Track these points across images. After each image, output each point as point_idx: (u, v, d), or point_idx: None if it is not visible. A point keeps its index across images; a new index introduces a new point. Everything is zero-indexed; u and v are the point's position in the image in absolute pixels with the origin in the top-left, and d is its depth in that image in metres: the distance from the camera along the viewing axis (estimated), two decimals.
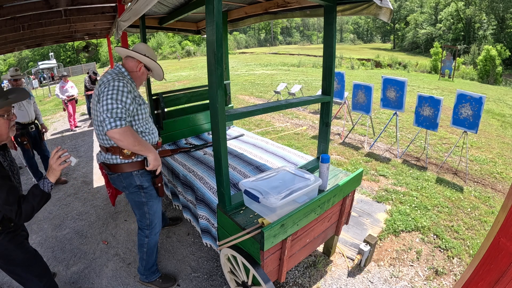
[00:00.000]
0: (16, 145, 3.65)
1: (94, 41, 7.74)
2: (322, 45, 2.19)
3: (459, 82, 16.42)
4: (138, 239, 2.07)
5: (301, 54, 32.13)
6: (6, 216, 1.50)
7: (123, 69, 1.79)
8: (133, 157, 1.77)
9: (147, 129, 1.85)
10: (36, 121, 3.78)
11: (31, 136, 3.66)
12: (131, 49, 1.86)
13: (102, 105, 1.58)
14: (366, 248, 2.23)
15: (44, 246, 2.72)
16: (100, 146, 1.84)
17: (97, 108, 1.66)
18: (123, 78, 1.68)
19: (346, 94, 5.93)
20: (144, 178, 1.85)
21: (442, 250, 2.53)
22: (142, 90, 10.98)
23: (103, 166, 1.88)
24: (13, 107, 1.56)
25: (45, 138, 3.88)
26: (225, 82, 3.49)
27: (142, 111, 1.79)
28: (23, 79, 3.66)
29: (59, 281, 2.26)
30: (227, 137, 3.20)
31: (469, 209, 3.18)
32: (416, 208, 3.15)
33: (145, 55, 1.83)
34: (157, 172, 1.85)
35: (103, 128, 1.57)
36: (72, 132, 7.02)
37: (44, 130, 3.97)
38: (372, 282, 2.19)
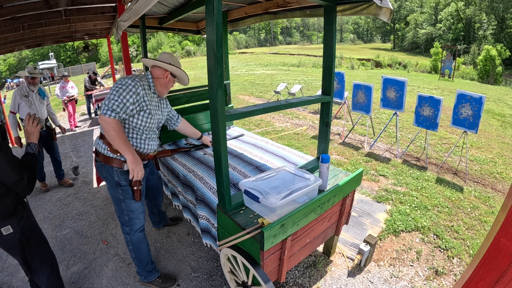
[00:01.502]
0: (21, 143, 3.64)
1: (94, 41, 7.75)
2: (322, 45, 2.19)
3: (459, 82, 16.42)
4: (124, 237, 2.11)
5: (301, 54, 32.13)
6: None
7: (149, 76, 1.92)
8: (118, 154, 1.83)
9: (141, 138, 1.91)
10: (48, 122, 3.70)
11: (42, 136, 3.57)
12: (156, 58, 1.97)
13: (108, 94, 1.73)
14: (366, 248, 2.23)
15: None
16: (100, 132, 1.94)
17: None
18: (140, 80, 1.80)
19: (346, 94, 5.93)
20: (123, 176, 1.89)
21: (442, 250, 2.53)
22: None
23: (95, 150, 1.97)
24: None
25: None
26: (225, 82, 3.49)
27: (143, 118, 1.84)
28: (40, 78, 3.65)
29: None
30: (227, 137, 3.20)
31: (469, 209, 3.18)
32: (416, 208, 3.15)
33: (170, 64, 1.93)
34: (133, 178, 1.83)
35: (101, 111, 1.71)
36: (72, 132, 7.02)
37: (62, 131, 3.97)
38: (372, 282, 2.20)
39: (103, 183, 3.55)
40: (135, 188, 1.89)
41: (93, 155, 2.19)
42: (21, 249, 1.62)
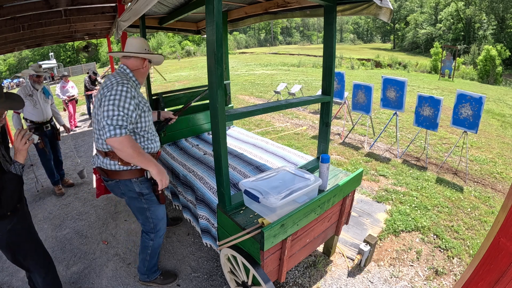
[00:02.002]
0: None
1: (94, 41, 7.74)
2: (322, 45, 2.19)
3: (459, 82, 16.42)
4: (142, 241, 2.05)
5: (301, 54, 32.12)
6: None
7: (128, 70, 1.76)
8: (131, 165, 1.72)
9: (149, 138, 1.81)
10: (52, 122, 3.68)
11: (46, 135, 3.58)
12: (127, 48, 1.81)
13: (103, 111, 1.53)
14: (366, 248, 2.23)
15: None
16: (97, 150, 1.77)
17: (98, 112, 1.60)
18: (128, 82, 1.64)
19: (346, 94, 5.93)
20: (144, 185, 1.80)
21: (442, 250, 2.53)
22: (142, 90, 10.99)
23: (99, 171, 1.81)
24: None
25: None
26: (225, 82, 3.50)
27: (145, 119, 1.74)
28: (44, 76, 3.62)
29: None
30: (227, 137, 3.20)
31: (469, 209, 3.18)
32: (416, 208, 3.15)
33: (145, 50, 1.81)
34: (163, 186, 1.73)
35: (104, 133, 1.53)
36: (72, 132, 7.01)
37: (66, 130, 3.98)
38: (372, 282, 2.19)
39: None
40: (159, 192, 1.80)
41: (94, 176, 2.00)
42: (10, 250, 1.61)
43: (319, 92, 2.45)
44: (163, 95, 3.10)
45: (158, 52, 41.60)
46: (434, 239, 2.67)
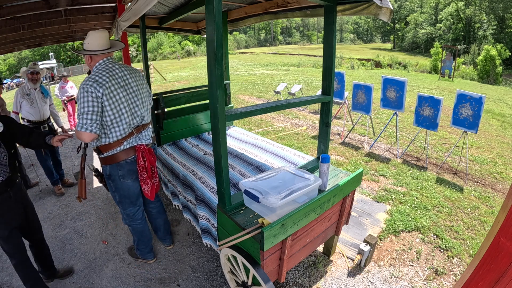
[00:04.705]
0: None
1: None
2: (322, 45, 2.19)
3: (459, 82, 16.41)
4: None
5: (301, 54, 32.13)
6: None
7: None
8: None
9: None
10: (50, 123, 3.67)
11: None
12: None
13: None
14: (366, 248, 2.23)
15: None
16: (146, 124, 2.08)
17: (148, 94, 2.14)
18: None
19: (346, 94, 5.93)
20: None
21: (442, 250, 2.53)
22: None
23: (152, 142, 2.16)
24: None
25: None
26: (225, 82, 3.50)
27: None
28: (41, 73, 3.57)
29: (59, 281, 2.26)
30: (227, 137, 3.20)
31: (469, 209, 3.18)
32: (416, 208, 3.15)
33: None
34: None
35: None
36: (72, 132, 7.00)
37: (64, 132, 3.98)
38: (372, 282, 2.19)
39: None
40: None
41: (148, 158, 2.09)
42: None
43: (319, 92, 2.45)
44: (163, 95, 3.10)
45: (158, 52, 41.79)
46: (434, 239, 2.67)
